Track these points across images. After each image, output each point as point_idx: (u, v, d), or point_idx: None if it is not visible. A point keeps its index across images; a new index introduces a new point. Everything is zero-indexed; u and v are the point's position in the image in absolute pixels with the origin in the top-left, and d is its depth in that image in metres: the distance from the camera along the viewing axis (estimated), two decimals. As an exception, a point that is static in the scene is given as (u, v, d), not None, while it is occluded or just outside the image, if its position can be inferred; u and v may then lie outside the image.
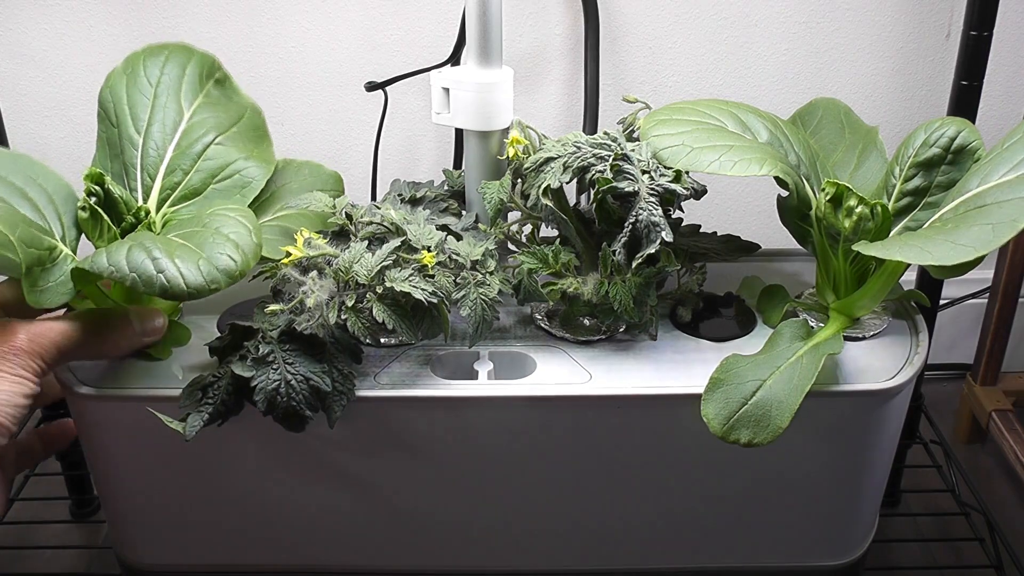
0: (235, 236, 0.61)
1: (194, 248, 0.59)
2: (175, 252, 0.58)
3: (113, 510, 0.77)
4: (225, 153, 0.72)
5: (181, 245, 0.59)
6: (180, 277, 0.57)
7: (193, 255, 0.58)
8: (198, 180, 0.71)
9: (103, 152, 0.71)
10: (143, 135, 0.71)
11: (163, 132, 0.71)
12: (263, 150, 0.75)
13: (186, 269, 0.57)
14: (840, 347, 0.67)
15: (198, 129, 0.72)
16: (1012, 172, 0.64)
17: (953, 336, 1.25)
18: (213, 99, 0.74)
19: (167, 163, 0.71)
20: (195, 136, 0.72)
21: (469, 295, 0.69)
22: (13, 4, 1.04)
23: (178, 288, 0.57)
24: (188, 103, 0.73)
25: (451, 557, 0.78)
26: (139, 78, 0.72)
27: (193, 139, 0.72)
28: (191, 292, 0.57)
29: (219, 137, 0.72)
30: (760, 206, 1.16)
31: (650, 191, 0.69)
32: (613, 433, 0.70)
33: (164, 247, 0.59)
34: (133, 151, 0.70)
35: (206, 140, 0.72)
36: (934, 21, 1.05)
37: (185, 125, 0.72)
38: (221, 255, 0.59)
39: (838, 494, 0.75)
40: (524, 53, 1.06)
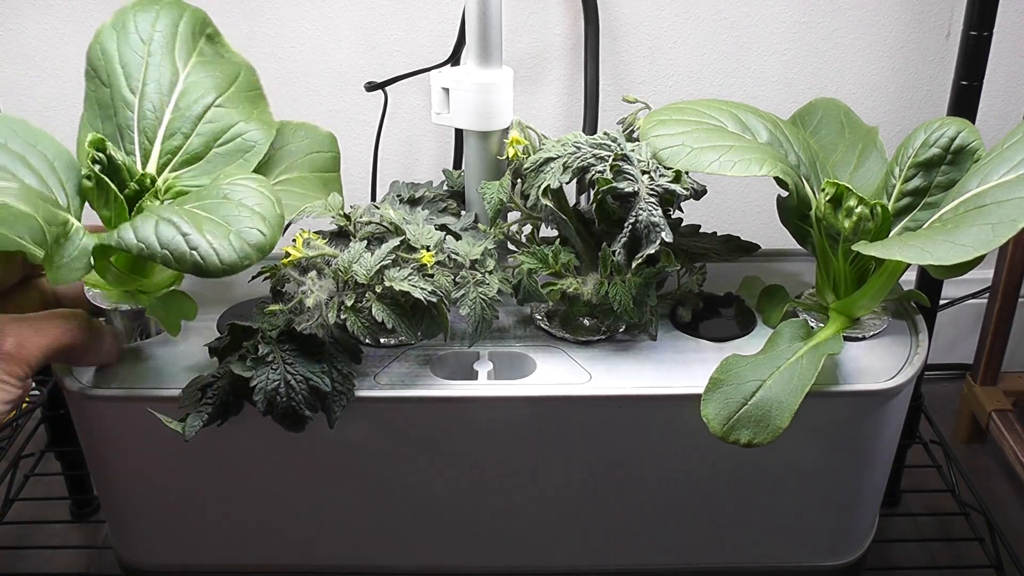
0: (260, 208, 0.59)
1: (221, 222, 0.57)
2: (203, 226, 0.56)
3: (113, 510, 0.77)
4: (226, 116, 0.70)
5: (207, 219, 0.57)
6: (214, 253, 0.55)
7: (222, 230, 0.56)
8: (199, 144, 0.69)
9: (93, 112, 0.68)
10: (138, 96, 0.68)
11: (159, 93, 0.68)
12: (261, 111, 0.72)
13: (219, 245, 0.55)
14: (840, 347, 0.67)
15: (196, 90, 0.70)
16: (1012, 172, 0.64)
17: (953, 336, 1.25)
18: (207, 57, 0.71)
19: (166, 126, 0.68)
20: (193, 97, 0.69)
21: (468, 294, 0.69)
22: (13, 4, 1.04)
23: (213, 265, 0.55)
24: (183, 62, 0.70)
25: (451, 557, 0.78)
26: (130, 35, 0.69)
27: (191, 100, 0.69)
28: (225, 269, 0.55)
29: (218, 99, 0.70)
30: (760, 206, 1.16)
31: (650, 191, 0.69)
32: (613, 433, 0.70)
33: (191, 221, 0.56)
34: (128, 112, 0.68)
35: (205, 102, 0.69)
36: (934, 21, 1.05)
37: (182, 85, 0.69)
38: (251, 229, 0.57)
39: (838, 494, 0.75)
40: (524, 53, 1.06)
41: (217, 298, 0.79)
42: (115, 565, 0.81)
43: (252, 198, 0.60)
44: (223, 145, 0.69)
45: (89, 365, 0.69)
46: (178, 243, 0.55)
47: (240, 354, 0.66)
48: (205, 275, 0.56)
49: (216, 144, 0.69)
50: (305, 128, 0.77)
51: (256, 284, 0.72)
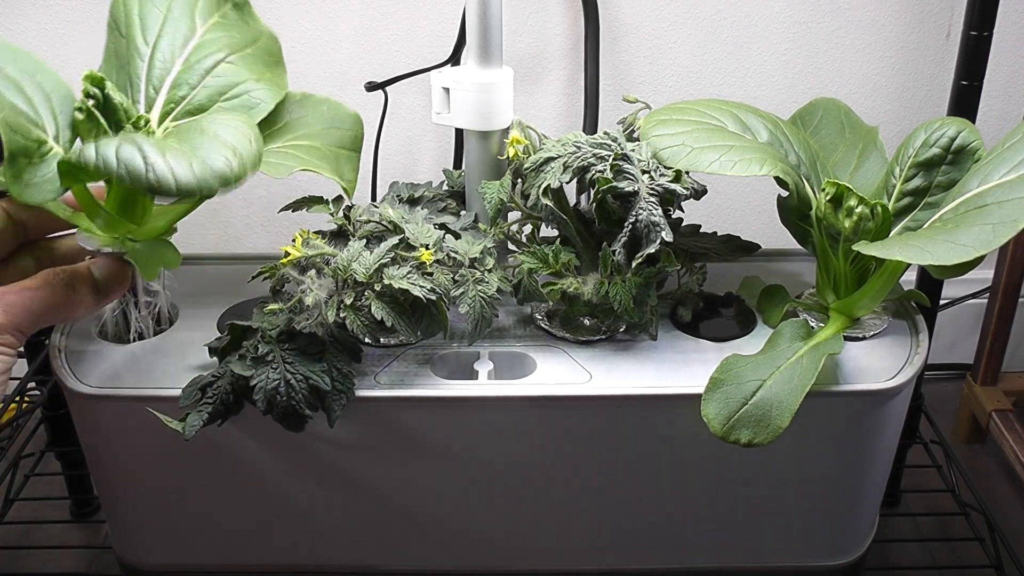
0: (233, 141, 0.58)
1: (188, 149, 0.56)
2: (167, 151, 0.55)
3: (113, 510, 0.77)
4: (235, 72, 0.68)
5: (175, 147, 0.56)
6: (170, 173, 0.53)
7: (186, 155, 0.55)
8: (204, 96, 0.67)
9: (110, 63, 0.68)
10: (152, 47, 0.67)
11: (172, 45, 0.68)
12: (276, 75, 0.70)
13: (178, 166, 0.54)
14: (840, 347, 0.67)
15: (209, 46, 0.68)
16: (1012, 172, 0.64)
17: (953, 336, 1.25)
18: (229, 20, 0.70)
19: (173, 77, 0.67)
20: (205, 52, 0.68)
21: (468, 292, 0.69)
22: (13, 4, 1.04)
23: (167, 185, 0.53)
24: (203, 20, 0.69)
25: (451, 557, 0.78)
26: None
27: (203, 55, 0.68)
28: (180, 190, 0.54)
29: (230, 56, 0.69)
30: (760, 206, 1.16)
31: (650, 191, 0.69)
32: (613, 433, 0.70)
33: (157, 146, 0.55)
34: (139, 62, 0.67)
35: (216, 57, 0.68)
36: (934, 21, 1.05)
37: (197, 41, 0.68)
38: (217, 157, 0.56)
39: (838, 494, 0.75)
40: (524, 53, 1.06)
41: (217, 297, 0.79)
42: (115, 565, 0.81)
43: (228, 132, 0.58)
44: (228, 100, 0.68)
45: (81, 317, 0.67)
46: (135, 161, 0.54)
47: (240, 353, 0.66)
48: (161, 194, 0.55)
49: (221, 98, 0.68)
50: (329, 104, 0.75)
51: (256, 284, 0.72)
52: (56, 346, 0.73)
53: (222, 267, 0.85)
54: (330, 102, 0.75)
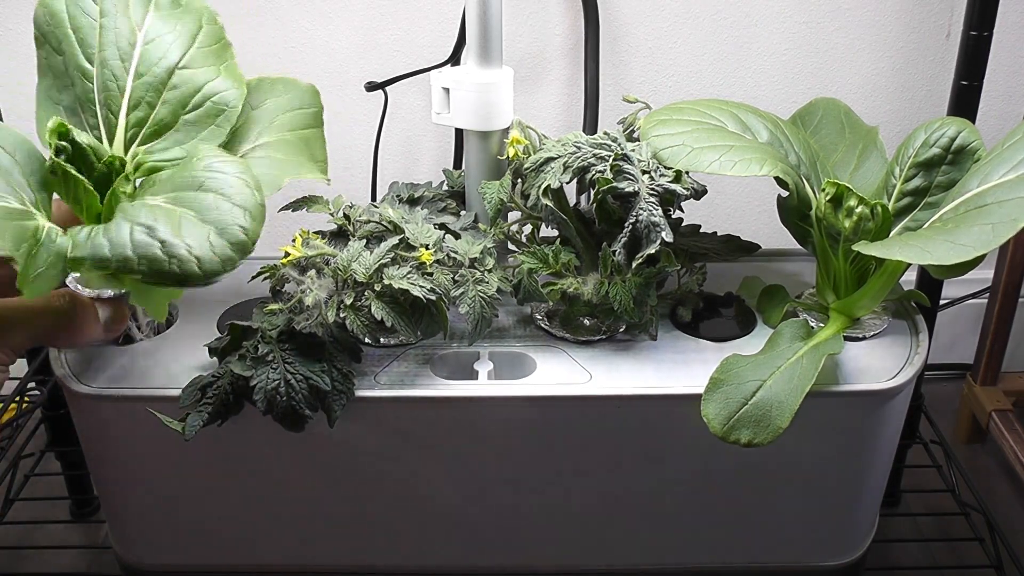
0: (239, 197, 0.55)
1: (198, 221, 0.53)
2: (182, 228, 0.52)
3: (113, 510, 0.77)
4: (191, 78, 0.64)
5: (185, 217, 0.53)
6: (194, 261, 0.52)
7: (202, 229, 0.53)
8: (167, 112, 0.64)
9: (48, 81, 0.64)
10: (96, 64, 0.63)
11: (118, 58, 0.63)
12: (228, 66, 0.66)
13: (199, 247, 0.52)
14: (840, 347, 0.67)
15: (157, 50, 0.64)
16: (1012, 172, 0.64)
17: (953, 336, 1.25)
18: (164, 9, 0.66)
19: (129, 96, 0.63)
20: (155, 58, 0.64)
21: (468, 292, 0.69)
22: (13, 4, 1.04)
23: (194, 275, 0.52)
24: (139, 16, 0.65)
25: (451, 556, 0.78)
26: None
27: (153, 62, 0.64)
28: (208, 277, 0.52)
29: (182, 59, 0.65)
30: (760, 206, 1.16)
31: (650, 191, 0.69)
32: (613, 433, 0.70)
33: (168, 221, 0.53)
34: (87, 84, 0.63)
35: (168, 64, 0.64)
36: (934, 21, 1.05)
37: (141, 47, 0.64)
38: (231, 228, 0.53)
39: (838, 494, 0.75)
40: (524, 53, 1.06)
41: (217, 298, 0.79)
42: (115, 565, 0.81)
43: (229, 186, 0.56)
44: (192, 111, 0.64)
45: (77, 347, 0.67)
46: (156, 256, 0.52)
47: (240, 354, 0.66)
48: (185, 286, 0.53)
49: (184, 111, 0.64)
50: (283, 82, 0.71)
51: (256, 284, 0.72)
52: (56, 346, 0.73)
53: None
54: (284, 80, 0.72)
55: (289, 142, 0.68)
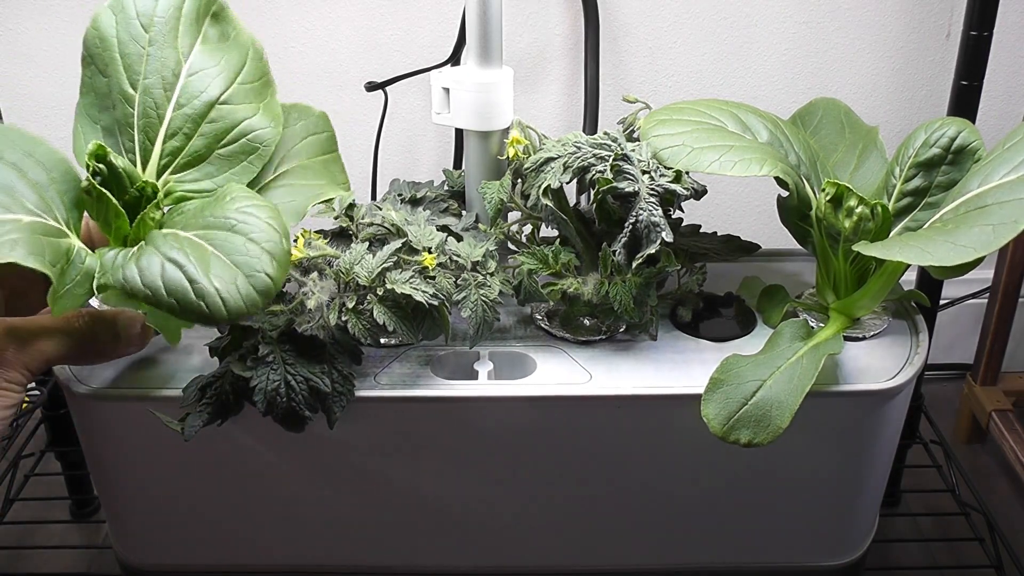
0: (269, 246, 0.56)
1: (229, 263, 0.55)
2: (211, 268, 0.54)
3: (113, 510, 0.77)
4: (230, 114, 0.66)
5: (215, 256, 0.55)
6: (221, 305, 0.53)
7: (230, 272, 0.54)
8: (202, 144, 0.65)
9: (90, 100, 0.65)
10: (139, 91, 0.64)
11: (161, 87, 0.65)
12: (268, 103, 0.68)
13: (226, 292, 0.53)
14: (840, 347, 0.67)
15: (199, 83, 0.66)
16: (1013, 173, 0.64)
17: (953, 336, 1.25)
18: (212, 43, 0.67)
19: (167, 125, 0.65)
20: (196, 91, 0.66)
21: (470, 296, 0.69)
22: (13, 4, 1.04)
23: (219, 315, 0.53)
24: (187, 47, 0.66)
25: (451, 557, 0.78)
26: (131, 20, 0.65)
27: (194, 94, 0.65)
28: (231, 317, 0.54)
29: (223, 94, 0.66)
30: (760, 206, 1.16)
31: (650, 191, 0.69)
32: (613, 433, 0.70)
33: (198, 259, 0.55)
34: (128, 108, 0.64)
35: (209, 97, 0.65)
36: (934, 21, 1.05)
37: (184, 79, 0.65)
38: (259, 273, 0.55)
39: (838, 494, 0.75)
40: (524, 53, 1.06)
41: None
42: (115, 565, 0.81)
43: (263, 232, 0.57)
44: (227, 146, 0.66)
45: (95, 363, 0.69)
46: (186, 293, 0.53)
47: (240, 354, 0.66)
48: (210, 324, 0.55)
49: (219, 145, 0.66)
50: (297, 110, 0.73)
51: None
52: (56, 346, 0.73)
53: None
54: (298, 107, 0.74)
55: (310, 168, 0.70)
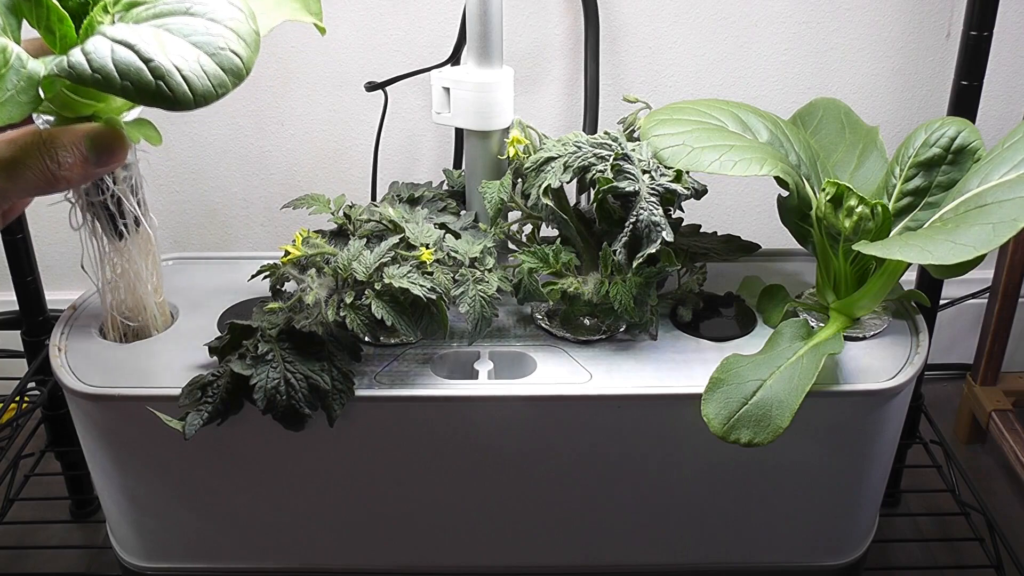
0: (233, 23, 0.50)
1: (188, 43, 0.49)
2: (168, 49, 0.48)
3: (113, 510, 0.77)
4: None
5: (172, 40, 0.49)
6: (183, 84, 0.47)
7: (190, 51, 0.48)
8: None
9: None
10: None
11: None
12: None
13: (189, 70, 0.47)
14: (840, 347, 0.67)
15: None
16: (1012, 172, 0.64)
17: (953, 336, 1.25)
18: None
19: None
20: None
21: (468, 292, 0.69)
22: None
23: (184, 97, 0.47)
24: None
25: (451, 556, 0.78)
26: None
27: None
28: (198, 100, 0.48)
29: None
30: (760, 206, 1.16)
31: (650, 191, 0.69)
32: (613, 433, 0.70)
33: (155, 41, 0.48)
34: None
35: None
36: (934, 21, 1.05)
37: None
38: (223, 51, 0.49)
39: (838, 494, 0.75)
40: (524, 53, 1.06)
41: (217, 297, 0.79)
42: (115, 565, 0.81)
43: (223, 11, 0.50)
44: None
45: (57, 188, 0.53)
46: (140, 72, 0.47)
47: (240, 353, 0.66)
48: (175, 108, 0.48)
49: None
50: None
51: (256, 283, 0.72)
52: (56, 346, 0.73)
53: (222, 267, 0.85)
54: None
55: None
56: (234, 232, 1.15)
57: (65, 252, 1.16)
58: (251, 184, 1.12)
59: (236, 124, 1.08)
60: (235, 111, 1.07)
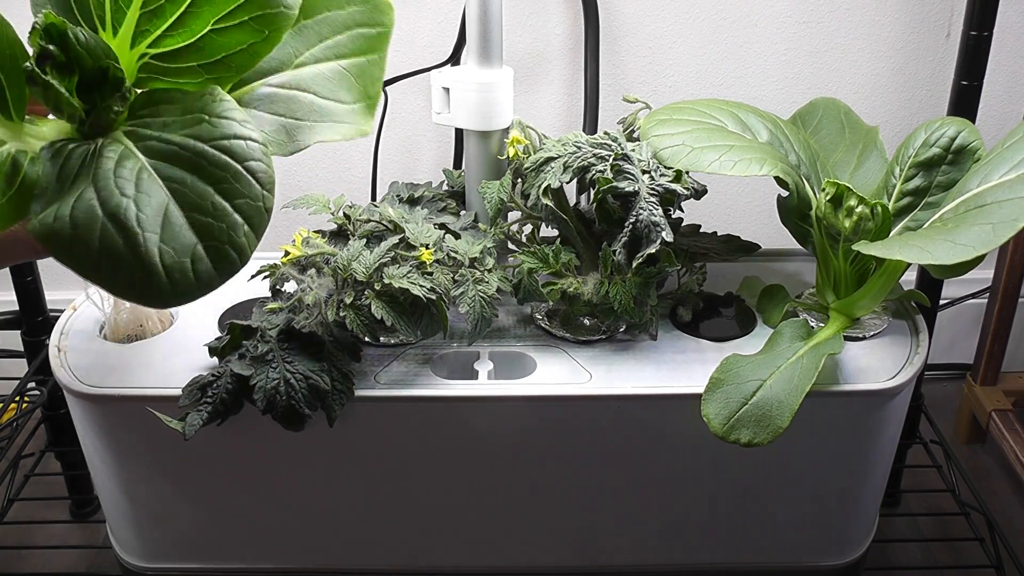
0: (250, 211, 0.42)
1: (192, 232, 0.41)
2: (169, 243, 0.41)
3: (113, 510, 0.77)
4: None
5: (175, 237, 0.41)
6: (173, 293, 0.41)
7: (185, 250, 0.41)
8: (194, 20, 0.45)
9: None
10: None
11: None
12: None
13: (179, 274, 0.41)
14: (840, 347, 0.67)
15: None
16: (1012, 172, 0.64)
17: (953, 336, 1.25)
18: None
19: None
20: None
21: (467, 292, 0.69)
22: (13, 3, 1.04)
23: (173, 303, 0.42)
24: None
25: (451, 556, 0.78)
26: None
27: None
28: (178, 301, 0.42)
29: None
30: (760, 206, 1.16)
31: (650, 191, 0.69)
32: (613, 433, 0.70)
33: (145, 207, 0.41)
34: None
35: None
36: (934, 21, 1.05)
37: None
38: (221, 256, 0.42)
39: (838, 494, 0.75)
40: (524, 53, 1.06)
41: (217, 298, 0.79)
42: (115, 565, 0.81)
43: (249, 184, 0.42)
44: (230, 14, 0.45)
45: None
46: (123, 258, 0.41)
47: (240, 353, 0.66)
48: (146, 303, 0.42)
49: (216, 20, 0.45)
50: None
51: (256, 283, 0.72)
52: (56, 346, 0.73)
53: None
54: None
55: (346, 76, 0.51)
56: (234, 232, 1.15)
57: (65, 252, 1.16)
58: (251, 184, 1.11)
59: (236, 124, 1.08)
60: (235, 111, 1.07)
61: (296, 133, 0.48)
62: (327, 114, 0.49)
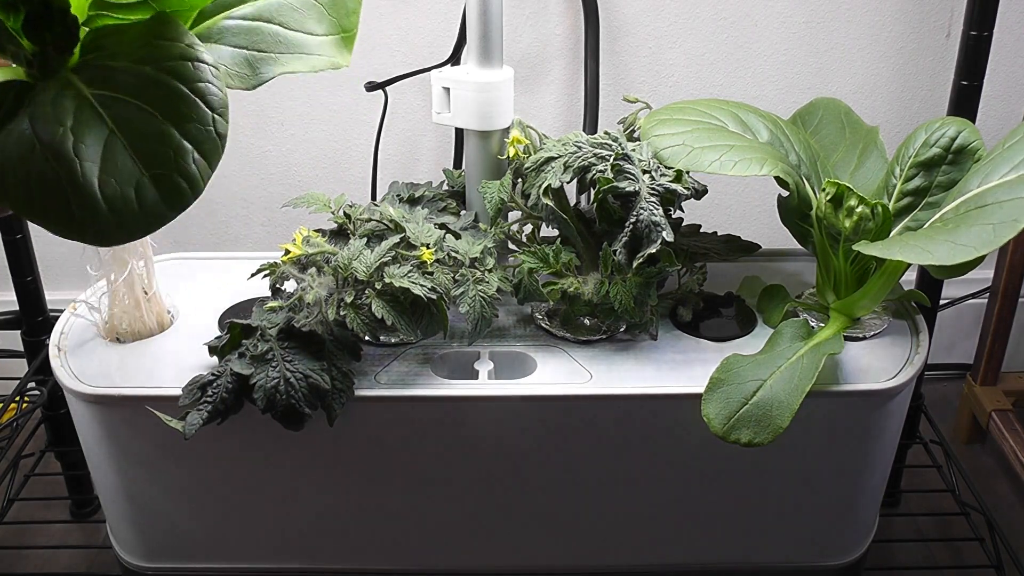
0: (196, 131, 0.41)
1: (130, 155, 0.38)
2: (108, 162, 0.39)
3: (113, 510, 0.77)
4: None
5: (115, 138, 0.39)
6: (113, 219, 0.39)
7: (128, 179, 0.39)
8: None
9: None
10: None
11: None
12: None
13: (119, 199, 0.38)
14: (840, 347, 0.67)
15: None
16: (1013, 172, 0.64)
17: (953, 336, 1.25)
18: None
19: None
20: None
21: (468, 292, 0.69)
22: None
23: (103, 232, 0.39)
24: None
25: (451, 556, 0.78)
26: None
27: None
28: (122, 235, 0.40)
29: None
30: (760, 206, 1.16)
31: (651, 191, 0.69)
32: (613, 433, 0.70)
33: (84, 136, 0.39)
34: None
35: None
36: (934, 21, 1.05)
37: None
38: (165, 184, 0.40)
39: (838, 494, 0.75)
40: (524, 53, 1.06)
41: (217, 297, 0.79)
42: (115, 565, 0.81)
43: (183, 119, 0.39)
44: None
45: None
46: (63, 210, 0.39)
47: (240, 352, 0.66)
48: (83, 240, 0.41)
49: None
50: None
51: (255, 282, 0.72)
52: (56, 346, 0.73)
53: (222, 266, 0.85)
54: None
55: (307, 7, 0.49)
56: (234, 231, 1.15)
57: (65, 252, 1.16)
58: (251, 183, 1.11)
59: (236, 124, 1.08)
60: (235, 111, 1.07)
61: (260, 65, 0.46)
62: (294, 45, 0.47)
